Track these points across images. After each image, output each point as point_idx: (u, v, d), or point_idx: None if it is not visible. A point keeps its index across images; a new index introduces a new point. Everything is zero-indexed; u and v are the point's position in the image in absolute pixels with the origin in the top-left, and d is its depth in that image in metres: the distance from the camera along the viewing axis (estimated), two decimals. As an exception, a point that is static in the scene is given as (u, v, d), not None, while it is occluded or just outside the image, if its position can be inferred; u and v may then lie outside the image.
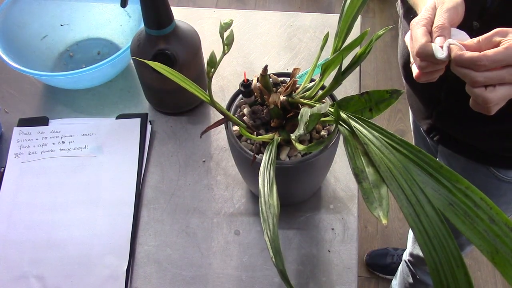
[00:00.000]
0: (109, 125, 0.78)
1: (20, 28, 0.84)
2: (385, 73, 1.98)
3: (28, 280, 0.64)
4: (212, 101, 0.54)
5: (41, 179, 0.73)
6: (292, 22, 0.94)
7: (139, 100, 0.83)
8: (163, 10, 0.67)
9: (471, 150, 0.73)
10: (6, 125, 0.80)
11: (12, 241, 0.67)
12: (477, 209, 0.38)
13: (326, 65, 0.54)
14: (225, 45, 0.51)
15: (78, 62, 0.88)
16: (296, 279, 0.63)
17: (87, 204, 0.70)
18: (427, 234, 0.38)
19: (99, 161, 0.74)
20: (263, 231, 0.43)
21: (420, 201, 0.39)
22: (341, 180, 0.71)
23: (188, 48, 0.71)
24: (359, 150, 0.46)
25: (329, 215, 0.68)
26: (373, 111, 0.54)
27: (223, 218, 0.69)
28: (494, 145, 0.70)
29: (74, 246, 0.67)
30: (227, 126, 0.59)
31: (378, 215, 0.40)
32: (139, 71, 0.75)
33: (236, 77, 0.85)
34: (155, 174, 0.74)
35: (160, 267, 0.65)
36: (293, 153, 0.57)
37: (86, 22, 0.90)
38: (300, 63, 0.87)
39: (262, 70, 0.55)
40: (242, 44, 0.90)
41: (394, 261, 1.46)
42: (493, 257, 0.37)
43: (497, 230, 0.37)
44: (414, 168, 0.42)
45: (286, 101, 0.56)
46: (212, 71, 0.51)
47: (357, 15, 0.54)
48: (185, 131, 0.78)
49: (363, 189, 0.42)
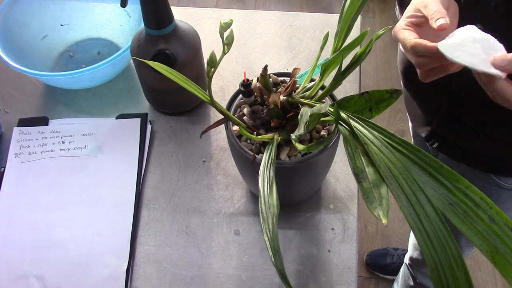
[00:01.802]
0: (109, 125, 0.78)
1: (20, 28, 0.84)
2: (385, 73, 1.98)
3: (28, 280, 0.64)
4: (212, 101, 0.54)
5: (41, 179, 0.73)
6: (292, 22, 0.94)
7: (139, 100, 0.83)
8: (163, 10, 0.67)
9: (472, 156, 0.73)
10: (6, 125, 0.80)
11: (12, 241, 0.67)
12: (477, 208, 0.38)
13: (326, 65, 0.54)
14: (225, 45, 0.51)
15: (78, 62, 0.88)
16: (296, 279, 0.63)
17: (87, 204, 0.70)
18: (427, 234, 0.38)
19: (99, 161, 0.74)
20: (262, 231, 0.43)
21: (420, 200, 0.39)
22: (341, 180, 0.71)
23: (188, 48, 0.71)
24: (359, 150, 0.46)
25: (329, 215, 0.68)
26: (373, 111, 0.54)
27: (223, 218, 0.69)
28: (496, 151, 0.70)
29: (74, 246, 0.67)
30: (227, 126, 0.59)
31: (378, 215, 0.40)
32: (139, 71, 0.75)
33: (236, 77, 0.85)
34: (155, 174, 0.74)
35: (160, 267, 0.65)
36: (293, 153, 0.57)
37: (86, 22, 0.90)
38: (300, 63, 0.87)
39: (262, 70, 0.55)
40: (242, 44, 0.90)
41: (394, 261, 1.46)
42: (493, 257, 0.37)
43: (497, 230, 0.37)
44: (414, 167, 0.42)
45: (286, 101, 0.56)
46: (212, 71, 0.51)
47: (357, 15, 0.54)
48: (185, 131, 0.78)
49: (363, 188, 0.42)
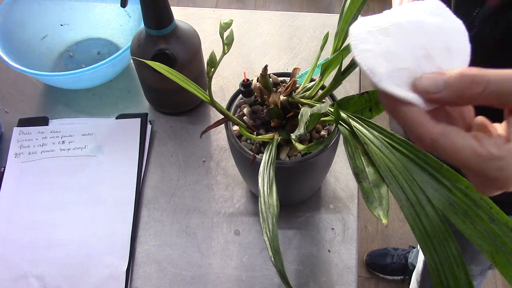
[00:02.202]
0: (109, 125, 0.78)
1: (20, 28, 0.84)
2: (385, 73, 1.98)
3: (28, 280, 0.64)
4: (212, 101, 0.54)
5: (41, 179, 0.73)
6: (292, 22, 0.94)
7: (139, 100, 0.83)
8: (163, 10, 0.67)
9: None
10: (6, 125, 0.80)
11: (12, 241, 0.67)
12: (477, 208, 0.38)
13: (326, 65, 0.54)
14: (225, 45, 0.51)
15: (78, 62, 0.88)
16: (296, 279, 0.63)
17: (87, 204, 0.70)
18: (427, 234, 0.38)
19: (99, 161, 0.74)
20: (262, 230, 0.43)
21: (420, 200, 0.39)
22: (341, 180, 0.71)
23: (188, 48, 0.71)
24: (359, 149, 0.46)
25: (329, 215, 0.68)
26: (373, 111, 0.54)
27: (223, 218, 0.69)
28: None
29: (74, 246, 0.67)
30: (227, 126, 0.59)
31: (378, 215, 0.40)
32: (139, 71, 0.75)
33: (236, 77, 0.85)
34: (155, 174, 0.74)
35: (160, 267, 0.65)
36: (293, 153, 0.57)
37: (86, 22, 0.90)
38: (300, 63, 0.87)
39: (262, 70, 0.55)
40: (242, 44, 0.90)
41: (394, 261, 1.46)
42: (493, 257, 0.37)
43: (497, 230, 0.37)
44: (414, 167, 0.42)
45: (286, 101, 0.56)
46: (212, 71, 0.51)
47: (357, 15, 0.54)
48: (185, 131, 0.78)
49: (363, 188, 0.42)
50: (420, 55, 0.29)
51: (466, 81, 0.28)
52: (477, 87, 0.28)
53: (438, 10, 0.31)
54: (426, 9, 0.30)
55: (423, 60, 0.29)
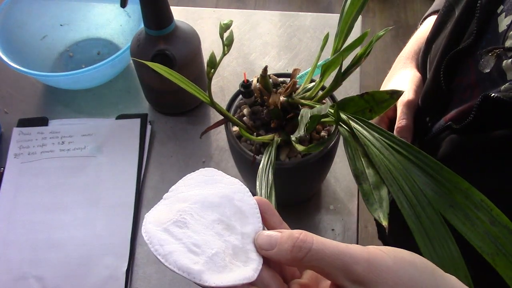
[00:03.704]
0: (108, 125, 0.78)
1: (20, 28, 0.84)
2: (385, 73, 1.96)
3: (28, 280, 0.64)
4: (212, 102, 0.54)
5: (41, 179, 0.73)
6: (292, 22, 0.93)
7: (139, 101, 0.83)
8: (163, 10, 0.67)
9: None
10: (6, 125, 0.80)
11: (12, 241, 0.67)
12: (478, 210, 0.38)
13: (326, 66, 0.54)
14: (225, 45, 0.50)
15: (78, 62, 0.88)
16: (296, 280, 0.63)
17: (87, 204, 0.70)
18: (428, 236, 0.38)
19: (99, 162, 0.74)
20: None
21: (421, 202, 0.39)
22: (341, 180, 0.71)
23: (188, 48, 0.71)
24: (359, 151, 0.46)
25: (329, 215, 0.68)
26: (373, 112, 0.53)
27: (223, 218, 0.69)
28: None
29: (74, 247, 0.66)
30: (227, 127, 0.59)
31: (379, 217, 0.40)
32: (139, 71, 0.75)
33: (236, 77, 0.85)
34: (155, 175, 0.73)
35: (160, 268, 0.65)
36: (293, 154, 0.57)
37: (86, 22, 0.90)
38: (300, 64, 0.87)
39: (262, 71, 0.55)
40: (242, 44, 0.90)
41: (394, 262, 1.46)
42: (493, 259, 0.37)
43: (497, 232, 0.37)
44: (414, 169, 0.42)
45: (286, 101, 0.56)
46: (212, 72, 0.51)
47: (358, 15, 0.54)
48: (185, 132, 0.78)
49: (363, 190, 0.42)
50: (220, 229, 0.28)
51: (291, 242, 0.27)
52: (298, 251, 0.27)
53: (214, 177, 0.31)
54: (202, 181, 0.31)
55: (226, 234, 0.28)
